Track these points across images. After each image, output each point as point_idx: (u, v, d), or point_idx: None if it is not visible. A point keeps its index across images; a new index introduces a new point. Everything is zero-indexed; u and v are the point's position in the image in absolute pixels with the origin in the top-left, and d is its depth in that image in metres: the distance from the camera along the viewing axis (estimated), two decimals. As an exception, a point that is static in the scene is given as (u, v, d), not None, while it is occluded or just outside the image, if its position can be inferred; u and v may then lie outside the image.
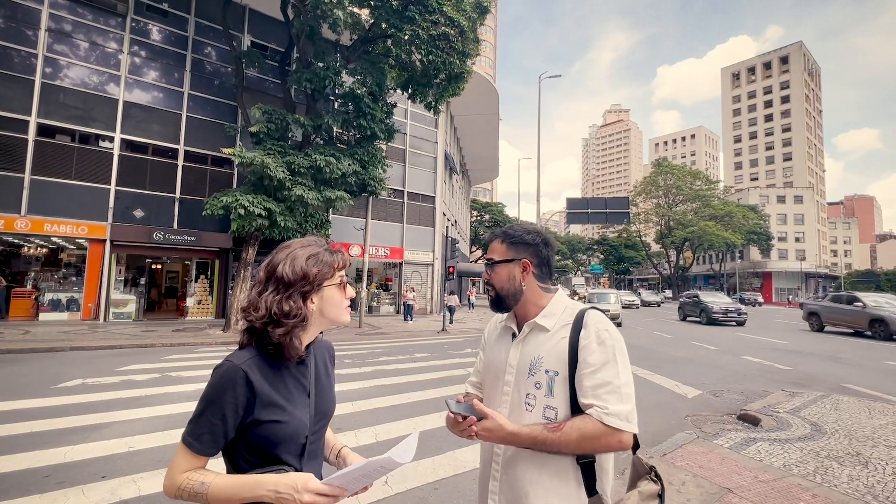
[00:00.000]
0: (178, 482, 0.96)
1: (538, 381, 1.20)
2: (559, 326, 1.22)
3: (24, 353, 9.13)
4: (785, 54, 76.67)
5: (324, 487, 0.93)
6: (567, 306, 1.27)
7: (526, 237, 1.30)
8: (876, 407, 5.98)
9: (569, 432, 1.08)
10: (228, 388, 0.98)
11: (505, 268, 1.28)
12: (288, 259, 1.08)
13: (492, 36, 77.29)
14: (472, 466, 3.92)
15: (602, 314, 1.23)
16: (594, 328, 1.17)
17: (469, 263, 41.07)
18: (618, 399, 1.09)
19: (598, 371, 1.12)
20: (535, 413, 1.18)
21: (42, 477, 3.49)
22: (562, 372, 1.17)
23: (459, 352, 10.87)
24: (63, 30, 15.07)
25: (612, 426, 1.06)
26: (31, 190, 14.14)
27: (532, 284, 1.28)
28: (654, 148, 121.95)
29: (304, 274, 1.07)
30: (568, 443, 1.08)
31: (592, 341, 1.15)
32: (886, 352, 11.89)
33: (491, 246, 1.34)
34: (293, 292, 1.05)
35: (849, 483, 3.59)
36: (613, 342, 1.16)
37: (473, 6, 14.06)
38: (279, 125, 13.50)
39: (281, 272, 1.06)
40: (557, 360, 1.18)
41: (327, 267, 1.11)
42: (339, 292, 1.13)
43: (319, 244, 1.15)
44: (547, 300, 1.29)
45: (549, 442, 1.09)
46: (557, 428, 1.10)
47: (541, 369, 1.20)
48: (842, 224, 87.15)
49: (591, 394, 1.11)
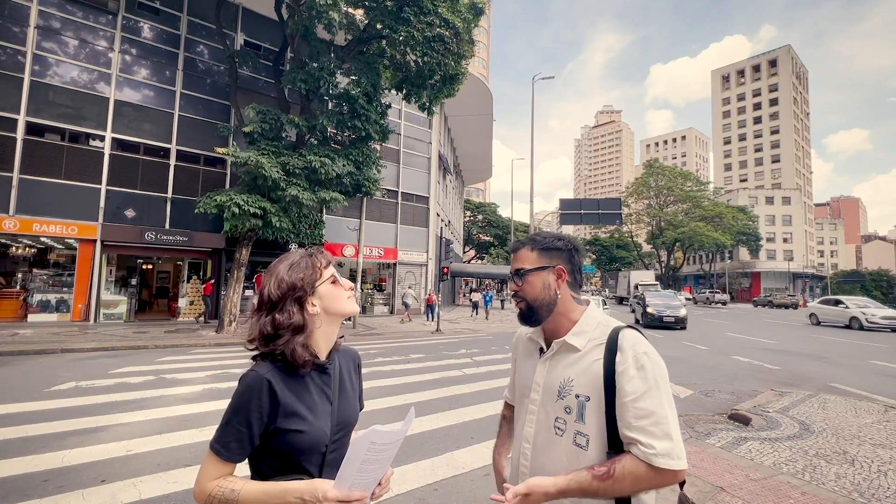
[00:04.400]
0: (209, 489, 0.99)
1: (568, 406, 1.12)
2: (592, 346, 1.13)
3: (13, 355, 9.00)
4: (773, 57, 77.81)
5: (341, 494, 0.95)
6: (599, 322, 1.17)
7: (557, 243, 1.22)
8: (862, 406, 6.14)
9: (621, 479, 0.99)
10: (253, 396, 1.02)
11: (538, 276, 1.19)
12: (273, 280, 1.12)
13: (485, 36, 77.40)
14: (471, 467, 3.97)
15: (639, 334, 1.12)
16: (631, 352, 1.07)
17: (462, 263, 41.17)
18: (664, 433, 0.99)
19: (638, 400, 1.02)
20: (566, 438, 1.12)
21: (41, 481, 3.47)
22: (594, 398, 1.08)
23: (454, 353, 10.91)
24: (52, 27, 14.85)
25: (662, 467, 0.97)
26: (20, 189, 13.93)
27: (566, 293, 1.20)
28: (645, 149, 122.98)
29: (290, 285, 1.10)
30: (622, 490, 1.01)
31: (630, 366, 1.05)
32: (872, 352, 12.16)
33: (519, 254, 1.24)
34: (284, 304, 1.09)
35: (836, 481, 3.69)
36: (654, 367, 1.06)
37: (468, 7, 14.09)
38: (273, 125, 13.44)
39: (268, 294, 1.11)
40: (590, 384, 1.09)
41: (310, 269, 1.14)
42: (334, 287, 1.16)
43: (299, 254, 1.18)
44: (579, 313, 1.20)
45: (601, 491, 1.01)
46: (608, 476, 1.00)
47: (571, 393, 1.12)
48: (828, 225, 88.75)
49: (634, 426, 1.01)
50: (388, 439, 0.96)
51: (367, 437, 0.93)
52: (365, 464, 0.95)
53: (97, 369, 7.87)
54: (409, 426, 1.01)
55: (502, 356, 10.44)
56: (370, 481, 0.99)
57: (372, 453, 0.94)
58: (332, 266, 1.21)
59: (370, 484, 1.00)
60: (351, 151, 14.49)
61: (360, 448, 0.93)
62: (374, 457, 0.96)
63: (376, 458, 0.96)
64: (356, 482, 0.96)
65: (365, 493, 0.98)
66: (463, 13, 13.87)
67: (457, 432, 4.94)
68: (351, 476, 0.95)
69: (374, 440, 0.93)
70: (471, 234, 53.01)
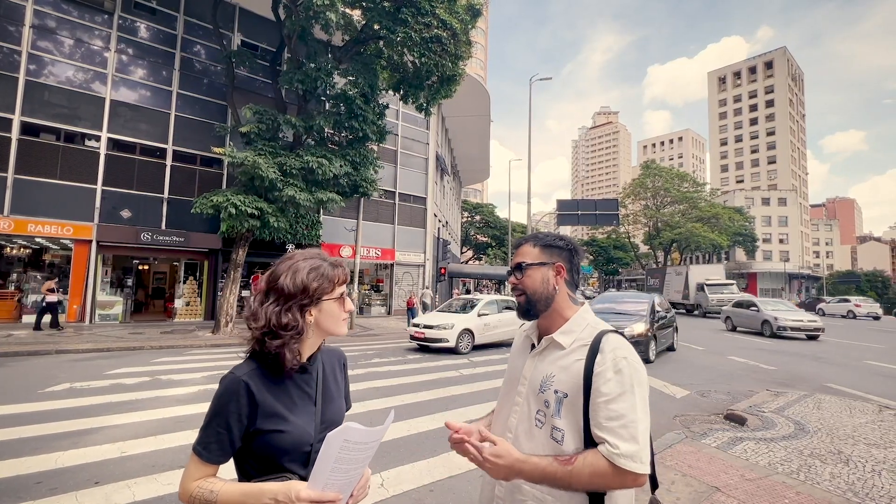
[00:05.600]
0: (190, 490, 1.00)
1: (547, 400, 1.16)
2: (577, 346, 1.17)
3: (7, 356, 8.94)
4: (769, 59, 78.25)
5: (314, 494, 0.93)
6: (589, 324, 1.21)
7: (559, 242, 1.27)
8: (856, 406, 6.17)
9: (581, 468, 1.02)
10: (231, 399, 1.02)
11: (539, 271, 1.24)
12: (290, 271, 1.10)
13: (483, 37, 77.46)
14: (468, 468, 3.96)
15: (623, 339, 1.15)
16: (611, 355, 1.10)
17: (460, 264, 41.17)
18: (630, 436, 1.02)
19: (612, 402, 1.05)
20: (544, 431, 1.15)
21: (33, 483, 3.45)
22: (571, 395, 1.12)
23: (451, 353, 10.90)
24: (48, 26, 14.77)
25: (624, 468, 1.00)
26: (15, 189, 13.83)
27: (563, 291, 1.25)
28: (642, 150, 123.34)
29: (305, 287, 1.09)
30: (579, 479, 1.02)
31: (608, 369, 1.08)
32: (866, 352, 12.24)
33: (521, 249, 1.30)
34: (292, 305, 1.08)
35: (831, 480, 3.71)
36: (632, 371, 1.08)
37: (466, 8, 14.10)
38: (270, 125, 13.41)
39: (282, 284, 1.09)
40: (569, 382, 1.13)
41: (328, 282, 1.13)
42: (337, 306, 1.15)
43: (322, 257, 1.17)
44: (572, 312, 1.25)
45: (558, 476, 1.03)
46: (569, 461, 1.03)
47: (551, 388, 1.16)
48: (824, 226, 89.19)
49: (604, 426, 1.04)
50: (364, 438, 0.94)
51: (340, 434, 0.91)
52: (339, 463, 0.93)
53: (92, 370, 7.82)
54: (386, 429, 0.99)
55: (499, 357, 10.44)
56: (345, 482, 0.97)
57: (346, 451, 0.93)
58: (347, 285, 1.20)
59: (346, 485, 0.98)
60: (348, 152, 14.48)
61: (333, 445, 0.92)
62: (349, 455, 0.94)
63: (351, 458, 0.95)
64: (330, 482, 0.94)
65: (340, 495, 0.96)
66: (460, 14, 13.89)
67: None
68: (325, 475, 0.93)
69: (348, 438, 0.92)
70: (468, 235, 53.00)
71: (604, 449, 1.02)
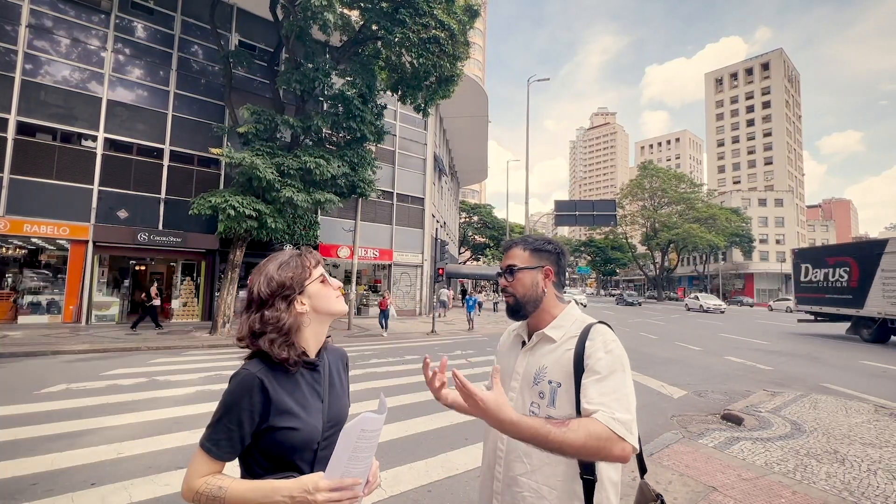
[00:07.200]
0: (196, 486, 0.99)
1: (542, 391, 1.21)
2: (566, 338, 1.24)
3: (3, 357, 8.88)
4: (766, 61, 78.59)
5: (334, 483, 0.95)
6: (576, 319, 1.28)
7: (547, 246, 1.33)
8: (852, 406, 6.20)
9: (576, 429, 1.00)
10: (245, 395, 1.02)
11: (529, 274, 1.30)
12: (262, 278, 1.13)
13: (481, 38, 77.63)
14: (465, 469, 3.97)
15: (609, 329, 1.23)
16: (601, 338, 1.17)
17: (458, 265, 41.16)
18: (624, 408, 1.06)
19: (605, 379, 1.10)
20: None
21: (29, 485, 3.43)
22: (565, 384, 1.17)
23: (449, 354, 10.89)
24: (44, 26, 14.71)
25: (617, 433, 1.02)
26: (10, 190, 13.76)
27: (551, 292, 1.31)
28: (639, 151, 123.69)
29: (280, 283, 1.11)
30: (574, 441, 0.99)
31: (599, 349, 1.15)
32: (862, 352, 12.30)
33: (511, 252, 1.35)
34: (273, 302, 1.10)
35: (826, 480, 3.73)
36: (621, 353, 1.16)
37: (464, 9, 14.11)
38: (268, 126, 13.38)
39: (257, 293, 1.12)
40: (561, 371, 1.19)
41: (300, 268, 1.15)
42: (322, 287, 1.17)
43: (288, 253, 1.19)
44: (559, 310, 1.31)
45: (551, 437, 0.99)
46: (563, 423, 1.02)
47: (544, 379, 1.21)
48: (820, 227, 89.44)
49: (597, 400, 1.07)
50: (376, 426, 0.98)
51: (358, 424, 0.94)
52: (356, 451, 0.96)
53: (88, 371, 7.79)
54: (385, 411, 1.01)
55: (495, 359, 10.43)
56: (360, 470, 1.00)
57: (362, 440, 0.96)
58: (322, 266, 1.22)
59: (360, 473, 1.00)
60: (346, 152, 14.46)
61: (351, 435, 0.95)
62: (364, 444, 0.97)
63: (365, 446, 0.98)
64: (347, 471, 0.97)
65: (358, 480, 0.98)
66: (458, 15, 13.90)
67: (451, 433, 4.94)
68: (343, 465, 0.96)
69: (364, 427, 0.94)
70: (466, 236, 52.99)
71: (601, 414, 1.05)
